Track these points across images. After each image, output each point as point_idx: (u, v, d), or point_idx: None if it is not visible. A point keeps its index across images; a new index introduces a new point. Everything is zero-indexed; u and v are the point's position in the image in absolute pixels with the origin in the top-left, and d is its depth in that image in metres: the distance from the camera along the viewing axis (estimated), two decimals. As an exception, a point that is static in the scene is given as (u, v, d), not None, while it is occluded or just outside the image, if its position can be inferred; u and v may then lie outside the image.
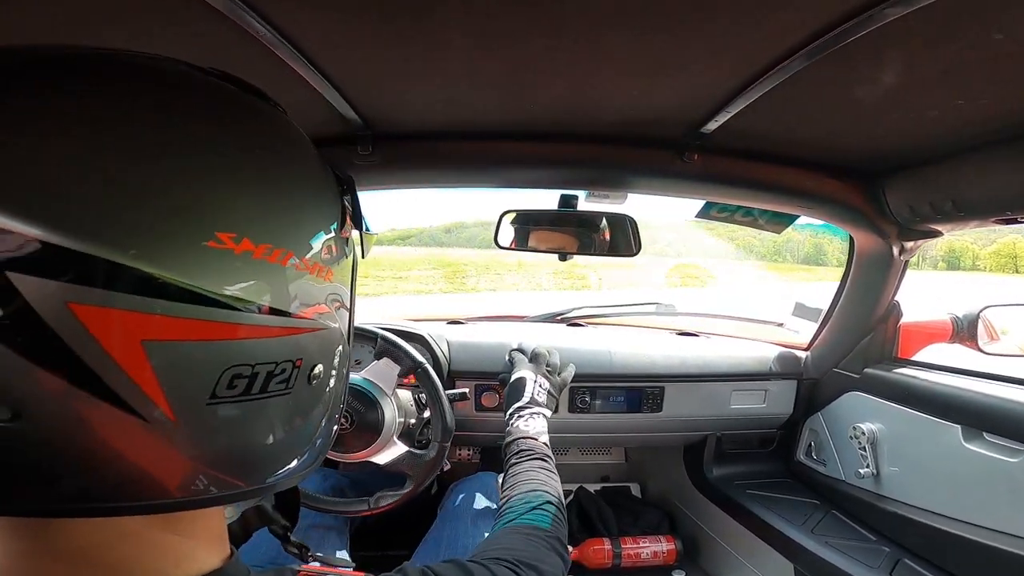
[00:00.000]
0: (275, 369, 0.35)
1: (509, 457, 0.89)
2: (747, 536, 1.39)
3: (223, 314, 0.32)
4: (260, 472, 0.39)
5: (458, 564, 0.52)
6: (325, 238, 0.40)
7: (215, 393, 0.33)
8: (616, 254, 1.20)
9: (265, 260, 0.34)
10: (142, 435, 0.31)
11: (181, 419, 0.32)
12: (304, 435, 0.42)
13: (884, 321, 1.32)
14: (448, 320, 1.68)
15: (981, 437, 1.03)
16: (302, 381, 0.38)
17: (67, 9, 0.55)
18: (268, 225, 0.35)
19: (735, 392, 1.48)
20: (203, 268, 0.31)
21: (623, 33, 0.60)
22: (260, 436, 0.37)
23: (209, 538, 0.39)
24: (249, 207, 0.34)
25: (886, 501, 1.21)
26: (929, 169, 0.97)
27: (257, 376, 0.34)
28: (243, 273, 0.33)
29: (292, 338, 0.37)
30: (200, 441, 0.34)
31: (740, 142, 0.96)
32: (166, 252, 0.30)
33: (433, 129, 0.96)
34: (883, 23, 0.52)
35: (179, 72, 0.37)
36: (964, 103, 0.72)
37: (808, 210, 1.14)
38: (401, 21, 0.58)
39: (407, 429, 1.14)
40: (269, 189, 0.36)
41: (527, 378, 1.06)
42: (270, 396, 0.36)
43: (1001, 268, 32.51)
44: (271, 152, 0.38)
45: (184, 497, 0.35)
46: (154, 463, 0.33)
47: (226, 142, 0.35)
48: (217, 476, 0.36)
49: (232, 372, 0.33)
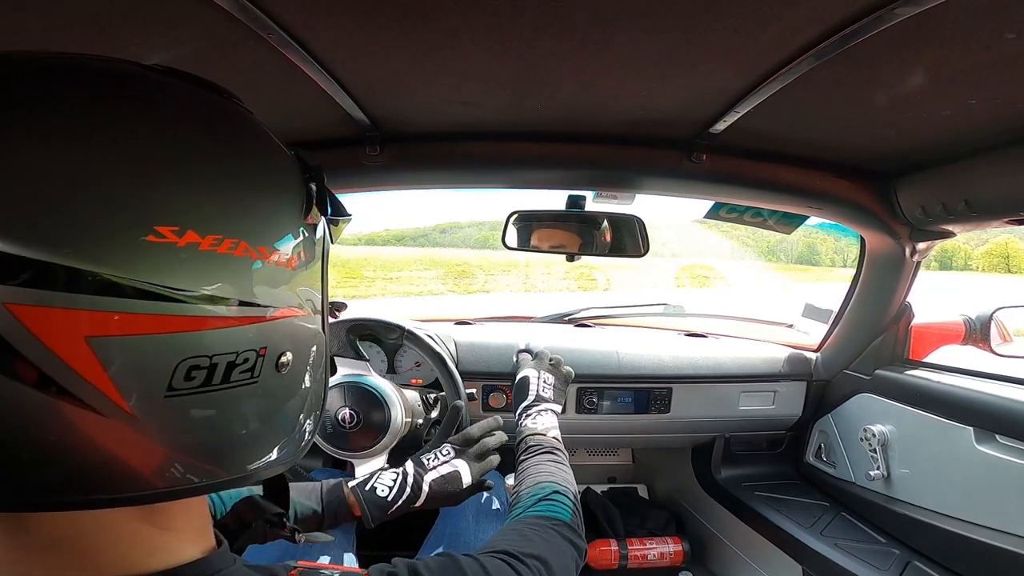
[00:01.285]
0: (236, 359, 0.35)
1: (519, 455, 0.90)
2: (755, 538, 1.39)
3: (170, 307, 0.32)
4: (238, 461, 0.39)
5: (450, 558, 0.52)
6: (285, 226, 0.39)
7: (172, 386, 0.32)
8: (624, 254, 1.20)
9: (214, 251, 0.34)
10: (105, 429, 0.31)
11: (140, 412, 0.32)
12: (282, 426, 0.42)
13: (895, 322, 1.31)
14: (455, 320, 1.69)
15: (994, 439, 1.02)
16: (269, 370, 0.38)
17: (80, 8, 0.56)
18: (215, 216, 0.35)
19: (744, 393, 1.48)
20: (144, 263, 0.31)
21: (632, 33, 0.60)
22: (232, 425, 0.37)
23: (188, 530, 0.39)
24: (193, 199, 0.34)
25: (896, 503, 1.20)
26: (942, 169, 0.96)
27: (216, 367, 0.34)
28: (189, 265, 0.33)
29: (253, 327, 0.36)
30: (168, 432, 0.34)
31: (749, 142, 0.96)
32: (103, 249, 0.30)
33: (441, 130, 0.97)
34: (893, 23, 0.52)
35: (121, 71, 0.37)
36: (977, 103, 0.71)
37: (818, 211, 1.14)
38: (410, 22, 0.59)
39: (414, 430, 1.15)
40: (216, 181, 0.36)
41: (530, 376, 1.06)
42: (235, 386, 0.36)
43: (993, 268, 32.23)
44: (217, 143, 0.38)
45: (166, 487, 0.35)
46: (126, 455, 0.33)
47: (165, 135, 0.35)
48: (195, 465, 0.36)
49: (188, 364, 0.33)
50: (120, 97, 0.36)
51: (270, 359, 0.38)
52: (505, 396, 1.39)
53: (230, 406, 0.36)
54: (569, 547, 0.65)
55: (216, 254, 0.34)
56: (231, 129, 0.40)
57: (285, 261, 0.38)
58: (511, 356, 1.37)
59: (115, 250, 0.31)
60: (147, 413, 0.32)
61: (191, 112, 0.38)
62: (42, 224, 0.29)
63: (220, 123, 0.40)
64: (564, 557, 0.62)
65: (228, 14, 0.54)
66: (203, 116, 0.39)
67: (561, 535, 0.66)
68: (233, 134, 0.40)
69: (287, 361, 0.39)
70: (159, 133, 0.35)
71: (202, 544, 0.40)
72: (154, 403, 0.32)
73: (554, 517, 0.70)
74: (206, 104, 0.40)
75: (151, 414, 0.32)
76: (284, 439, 0.42)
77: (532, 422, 0.96)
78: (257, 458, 0.40)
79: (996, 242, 31.52)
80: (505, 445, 0.98)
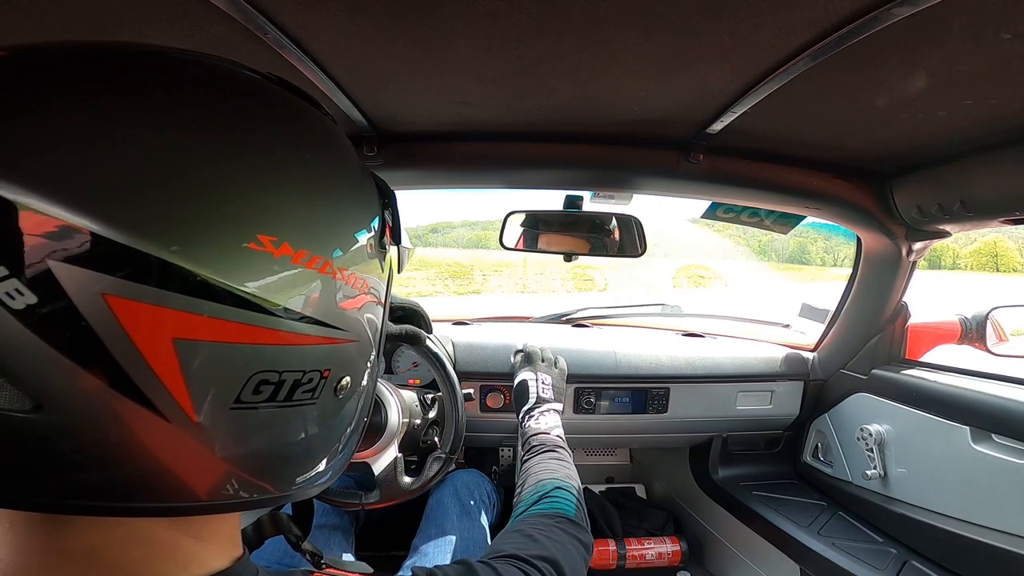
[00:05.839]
0: (302, 378, 0.35)
1: (523, 456, 0.90)
2: (753, 537, 1.39)
3: (256, 317, 0.32)
4: (287, 478, 0.39)
5: (466, 565, 0.52)
6: (364, 249, 0.39)
7: (240, 398, 0.32)
8: (622, 254, 1.20)
9: (303, 266, 0.33)
10: (165, 436, 0.31)
11: (204, 421, 0.31)
12: (329, 447, 0.42)
13: (892, 322, 1.32)
14: (453, 321, 1.68)
15: (990, 439, 1.03)
16: (328, 392, 0.38)
17: (73, 9, 0.56)
18: (309, 231, 0.35)
19: (741, 393, 1.48)
20: (241, 269, 0.31)
21: (629, 34, 0.60)
22: (284, 443, 0.37)
23: (219, 540, 0.39)
24: (291, 212, 0.34)
25: (893, 503, 1.21)
26: (938, 169, 0.97)
27: (283, 383, 0.34)
28: (280, 277, 0.32)
29: (322, 347, 0.36)
30: (224, 445, 0.33)
31: (746, 142, 0.96)
32: (207, 250, 0.30)
33: (438, 130, 0.97)
34: (890, 23, 0.52)
35: (235, 74, 0.38)
36: (973, 103, 0.71)
37: (815, 211, 1.14)
38: (407, 22, 0.58)
39: (411, 430, 1.14)
40: (313, 196, 0.36)
41: (528, 379, 1.07)
42: (296, 405, 0.35)
43: (981, 267, 32.54)
44: (318, 160, 0.38)
45: (212, 500, 0.34)
46: (178, 465, 0.32)
47: (276, 146, 0.35)
48: (246, 479, 0.36)
49: (259, 377, 0.32)
50: (239, 97, 0.36)
51: (331, 382, 0.38)
52: (503, 396, 1.39)
53: (288, 424, 0.36)
54: (576, 544, 0.65)
55: (304, 269, 0.34)
56: (330, 146, 0.40)
57: (359, 285, 0.38)
58: (509, 356, 1.36)
59: (218, 252, 0.30)
60: (210, 422, 0.32)
61: (300, 124, 0.39)
62: (154, 216, 0.29)
63: (322, 139, 0.40)
64: (572, 556, 0.62)
65: (224, 14, 0.54)
66: (309, 129, 0.39)
67: (567, 532, 0.66)
68: (332, 151, 0.40)
69: (346, 385, 0.39)
70: (273, 141, 0.35)
71: (231, 553, 0.39)
72: (219, 413, 0.32)
73: (558, 512, 0.69)
74: (310, 118, 0.40)
75: (213, 424, 0.32)
76: (329, 459, 0.43)
77: (535, 423, 0.97)
78: (303, 476, 0.40)
79: (984, 241, 31.74)
80: (497, 445, 0.98)
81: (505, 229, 1.20)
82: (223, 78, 0.37)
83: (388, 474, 1.05)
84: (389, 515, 1.39)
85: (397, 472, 1.05)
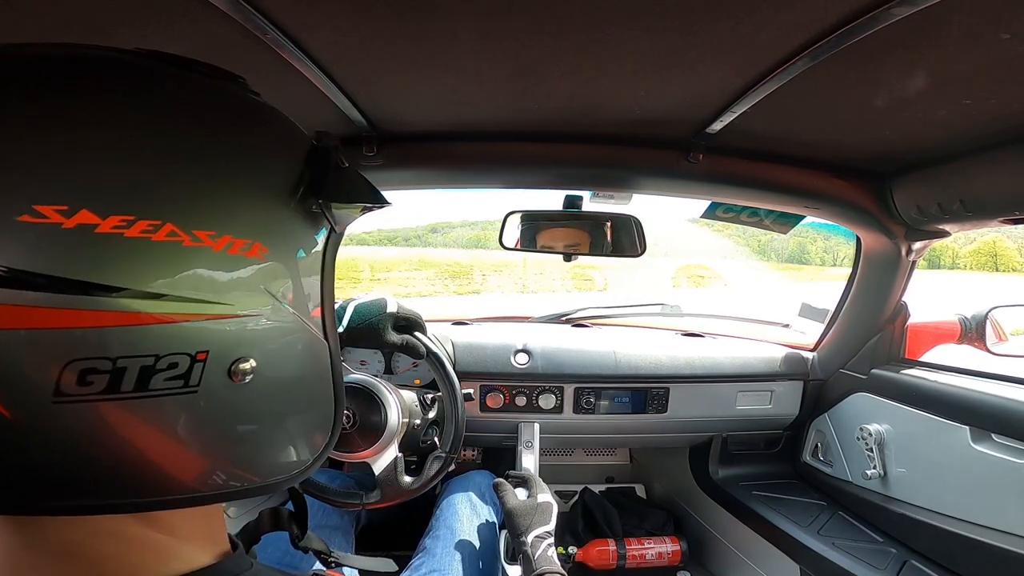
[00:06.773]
0: (156, 363, 0.30)
1: None
2: (753, 537, 1.39)
3: (46, 298, 0.27)
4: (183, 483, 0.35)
5: None
6: (250, 208, 0.35)
7: (59, 390, 0.28)
8: (621, 254, 1.20)
9: (121, 234, 0.29)
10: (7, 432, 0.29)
11: (18, 417, 0.28)
12: (258, 446, 0.38)
13: (891, 322, 1.32)
14: (453, 321, 1.68)
15: (989, 438, 1.03)
16: (216, 378, 0.33)
17: (76, 8, 0.55)
18: (131, 194, 0.30)
19: (741, 393, 1.48)
20: (17, 246, 0.27)
21: (628, 33, 0.60)
22: (169, 442, 0.33)
23: (197, 537, 0.38)
24: (97, 174, 0.30)
25: (893, 502, 1.21)
26: (937, 169, 0.97)
27: (125, 371, 0.30)
28: (78, 250, 0.28)
29: (181, 326, 0.31)
30: (63, 443, 0.30)
31: (746, 142, 0.96)
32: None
33: (438, 130, 0.97)
34: (889, 23, 0.52)
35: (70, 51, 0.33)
36: (972, 103, 0.71)
37: (815, 210, 1.14)
38: (406, 22, 0.58)
39: (411, 430, 1.15)
40: (132, 151, 0.31)
41: (555, 507, 1.01)
42: (160, 394, 0.31)
43: (981, 267, 32.65)
44: (160, 117, 0.33)
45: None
46: (15, 463, 0.30)
47: (73, 109, 0.30)
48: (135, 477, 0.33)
49: (80, 366, 0.28)
50: None
51: (216, 365, 0.33)
52: (503, 396, 1.39)
53: (160, 418, 0.32)
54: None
55: (121, 237, 0.29)
56: (193, 105, 0.35)
57: (245, 249, 0.33)
58: (509, 356, 1.36)
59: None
60: (29, 419, 0.29)
61: (132, 87, 0.34)
62: None
63: (179, 99, 0.35)
64: None
65: (224, 14, 0.54)
66: (138, 90, 0.34)
67: None
68: (193, 110, 0.35)
69: (248, 369, 0.34)
70: (68, 103, 0.31)
71: (215, 549, 0.39)
72: (39, 409, 0.28)
73: None
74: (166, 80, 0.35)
75: (36, 421, 0.29)
76: (269, 459, 0.39)
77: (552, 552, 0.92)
78: (214, 482, 0.36)
79: (984, 241, 31.80)
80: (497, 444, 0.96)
81: (505, 229, 1.20)
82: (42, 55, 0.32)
83: (388, 474, 1.05)
84: (389, 515, 1.39)
85: (397, 472, 1.05)
